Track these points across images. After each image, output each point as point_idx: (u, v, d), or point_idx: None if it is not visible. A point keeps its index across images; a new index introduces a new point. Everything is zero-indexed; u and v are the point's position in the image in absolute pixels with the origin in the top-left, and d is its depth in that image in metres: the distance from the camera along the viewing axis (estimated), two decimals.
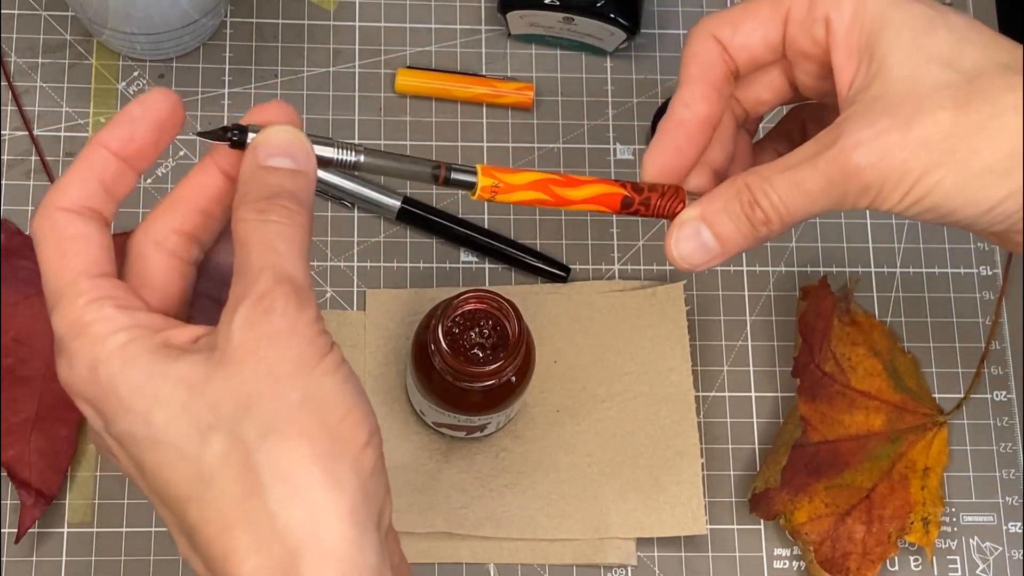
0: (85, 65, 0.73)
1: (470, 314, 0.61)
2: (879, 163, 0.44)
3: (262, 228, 0.41)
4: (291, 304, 0.40)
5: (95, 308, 0.41)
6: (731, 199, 0.47)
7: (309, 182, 0.43)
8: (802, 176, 0.45)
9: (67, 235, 0.42)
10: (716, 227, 0.47)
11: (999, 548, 0.70)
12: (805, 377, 0.70)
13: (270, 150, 0.43)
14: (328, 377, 0.40)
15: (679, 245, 0.48)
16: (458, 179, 0.47)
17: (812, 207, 0.46)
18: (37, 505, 0.65)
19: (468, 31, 0.76)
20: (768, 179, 0.46)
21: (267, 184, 0.42)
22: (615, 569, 0.68)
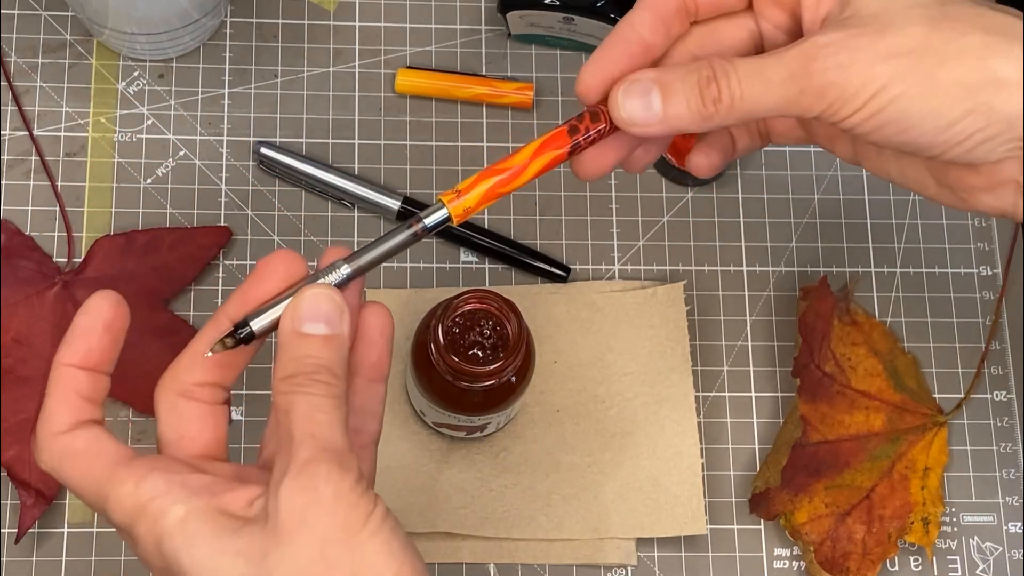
0: (85, 65, 0.73)
1: (470, 314, 0.61)
2: (845, 64, 0.44)
3: (302, 401, 0.43)
4: (333, 471, 0.42)
5: (148, 486, 0.43)
6: (690, 71, 0.46)
7: (343, 344, 0.45)
8: (766, 64, 0.45)
9: (77, 451, 0.44)
10: (667, 92, 0.47)
11: (999, 548, 0.70)
12: (805, 377, 0.70)
13: (304, 315, 0.45)
14: (374, 539, 0.42)
15: (627, 96, 0.47)
16: (435, 223, 0.48)
17: (768, 98, 0.46)
18: (37, 505, 0.65)
19: (468, 31, 0.76)
20: (732, 62, 0.46)
21: (304, 356, 0.44)
22: (615, 569, 0.68)
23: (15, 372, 0.67)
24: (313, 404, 0.43)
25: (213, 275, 0.71)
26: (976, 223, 0.75)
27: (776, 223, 0.74)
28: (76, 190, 0.71)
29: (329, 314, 0.45)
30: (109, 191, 0.72)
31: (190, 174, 0.72)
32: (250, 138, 0.73)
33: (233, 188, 0.72)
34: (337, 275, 0.47)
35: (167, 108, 0.73)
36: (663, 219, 0.74)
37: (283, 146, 0.73)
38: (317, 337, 0.44)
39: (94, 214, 0.71)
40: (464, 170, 0.74)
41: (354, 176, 0.72)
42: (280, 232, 0.72)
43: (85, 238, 0.70)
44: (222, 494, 0.43)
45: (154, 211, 0.71)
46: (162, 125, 0.73)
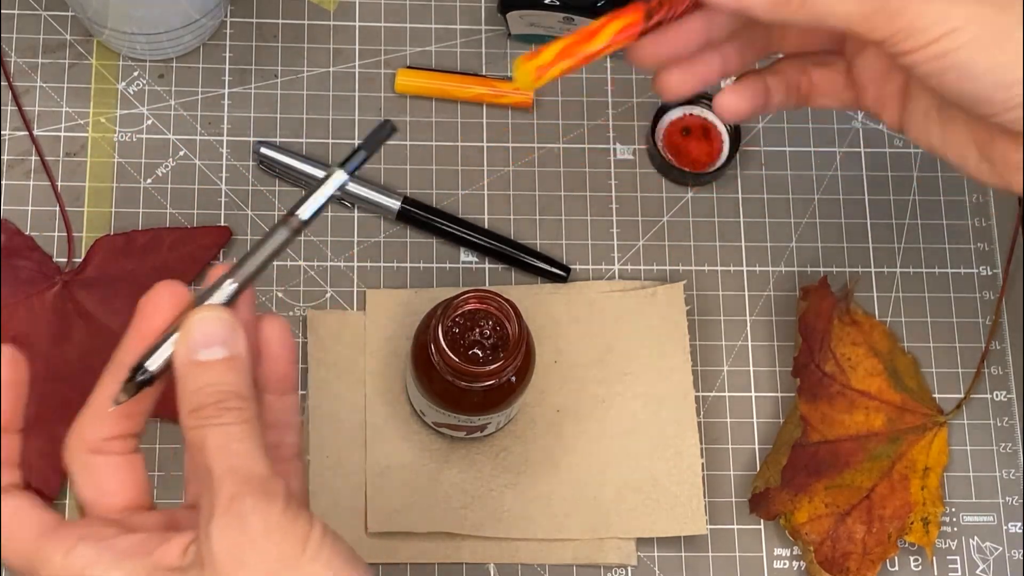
0: (85, 65, 0.73)
1: (470, 314, 0.61)
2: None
3: (214, 433, 0.42)
4: (259, 502, 0.40)
5: (76, 556, 0.41)
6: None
7: (244, 364, 0.43)
8: None
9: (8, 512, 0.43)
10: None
11: (999, 548, 0.70)
12: (805, 377, 0.70)
13: (196, 342, 0.43)
14: (315, 563, 0.40)
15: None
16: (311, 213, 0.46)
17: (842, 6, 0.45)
18: None
19: (468, 31, 0.76)
20: None
21: (206, 385, 0.42)
22: (615, 569, 0.68)
23: None
24: (226, 434, 0.42)
25: None
26: (976, 223, 0.75)
27: (776, 223, 0.74)
28: (76, 190, 0.71)
29: (222, 335, 0.43)
30: (109, 191, 0.72)
31: (190, 174, 0.72)
32: (250, 138, 0.73)
33: (233, 188, 0.72)
34: (223, 293, 0.44)
35: (167, 108, 0.73)
36: (663, 219, 0.74)
37: (283, 146, 0.73)
38: (216, 362, 0.43)
39: (94, 214, 0.71)
40: (464, 170, 0.74)
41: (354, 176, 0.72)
42: None
43: (85, 238, 0.70)
44: (154, 550, 0.42)
45: (154, 211, 0.71)
46: (162, 125, 0.73)
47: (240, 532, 0.40)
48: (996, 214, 0.75)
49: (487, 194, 0.73)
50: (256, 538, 0.40)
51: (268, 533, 0.40)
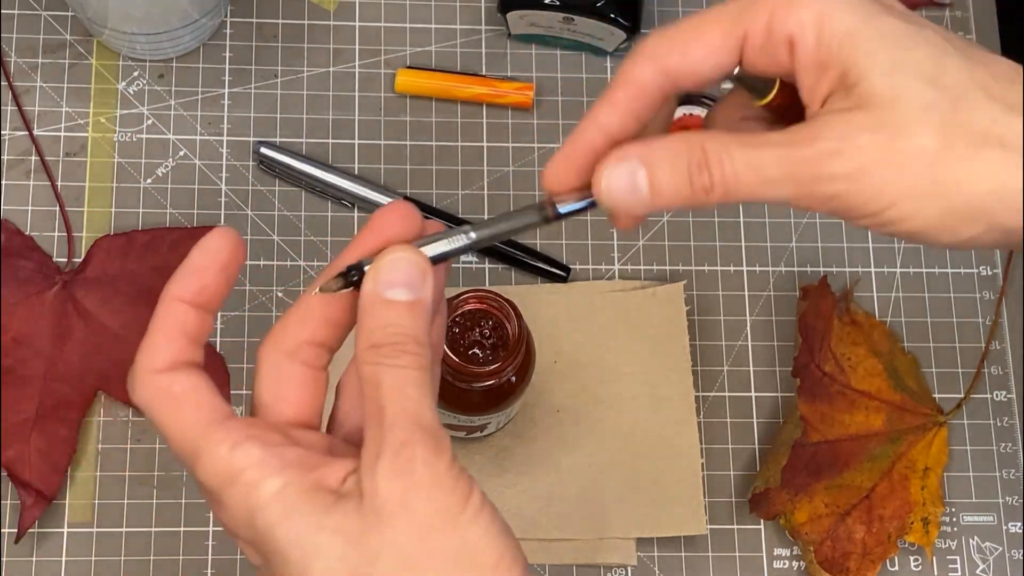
0: (85, 65, 0.73)
1: (470, 314, 0.60)
2: (856, 177, 0.42)
3: (391, 373, 0.42)
4: (430, 452, 0.41)
5: (242, 454, 0.41)
6: (680, 153, 0.43)
7: (427, 310, 0.43)
8: (766, 161, 0.43)
9: (174, 396, 0.43)
10: (655, 174, 0.44)
11: (999, 548, 0.70)
12: (805, 377, 0.70)
13: (389, 280, 0.43)
14: (475, 525, 0.41)
15: (611, 177, 0.44)
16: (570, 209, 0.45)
17: (762, 194, 0.43)
18: (37, 505, 0.65)
19: (468, 31, 0.76)
20: (727, 147, 0.43)
21: (390, 323, 0.43)
22: (615, 569, 0.68)
23: (15, 372, 0.67)
24: (403, 377, 0.42)
25: None
26: None
27: (776, 223, 0.74)
28: (76, 190, 0.71)
29: (413, 279, 0.43)
30: (109, 191, 0.72)
31: (190, 174, 0.72)
32: (250, 138, 0.73)
33: (233, 188, 0.72)
34: (455, 241, 0.45)
35: (167, 108, 0.73)
36: (663, 219, 0.74)
37: (283, 146, 0.73)
38: (401, 304, 0.43)
39: (94, 214, 0.71)
40: (464, 170, 0.74)
41: (354, 176, 0.72)
42: (280, 232, 0.72)
43: (85, 238, 0.70)
44: (316, 468, 0.42)
45: (154, 211, 0.71)
46: (162, 125, 0.73)
47: (407, 479, 0.40)
48: None
49: (487, 194, 0.73)
50: (422, 488, 0.40)
51: (434, 486, 0.41)
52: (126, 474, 0.67)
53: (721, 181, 0.43)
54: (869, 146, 0.42)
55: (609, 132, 0.45)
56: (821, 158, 0.42)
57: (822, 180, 0.42)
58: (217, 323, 0.70)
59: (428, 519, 0.40)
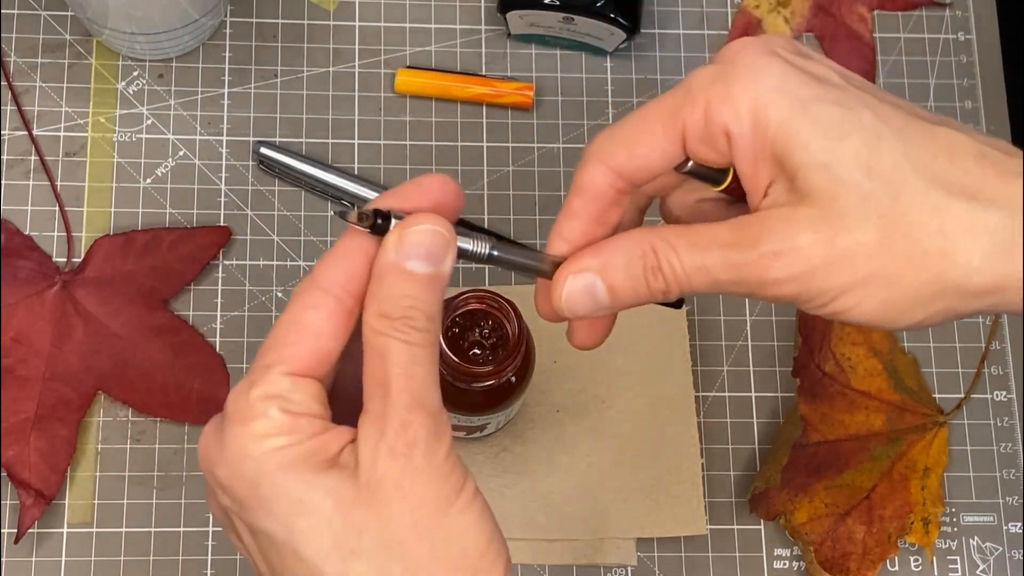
0: (85, 65, 0.73)
1: (470, 314, 0.60)
2: (800, 279, 0.42)
3: (400, 348, 0.42)
4: (431, 438, 0.41)
5: (264, 405, 0.41)
6: (634, 259, 0.45)
7: (444, 286, 0.43)
8: (713, 264, 0.44)
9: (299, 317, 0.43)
10: (612, 283, 0.45)
11: (999, 548, 0.70)
12: (805, 377, 0.70)
13: (411, 251, 0.42)
14: (464, 515, 0.42)
15: (570, 289, 0.45)
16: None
17: (714, 289, 0.45)
18: (37, 505, 0.65)
19: (468, 31, 0.76)
20: (676, 250, 0.44)
21: (404, 295, 0.42)
22: (615, 569, 0.68)
23: (15, 372, 0.67)
24: (411, 354, 0.41)
25: (213, 275, 0.71)
26: None
27: None
28: (76, 190, 0.71)
29: (436, 252, 0.43)
30: (109, 191, 0.72)
31: (190, 174, 0.72)
32: (250, 138, 0.73)
33: (233, 188, 0.72)
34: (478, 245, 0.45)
35: (167, 108, 0.73)
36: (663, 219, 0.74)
37: (283, 146, 0.73)
38: (420, 276, 0.42)
39: (94, 214, 0.71)
40: (464, 170, 0.74)
41: (354, 176, 0.72)
42: (280, 232, 0.72)
43: (85, 238, 0.70)
44: (319, 434, 0.42)
45: (154, 211, 0.71)
46: (162, 125, 0.73)
47: (406, 462, 0.41)
48: None
49: (487, 194, 0.73)
50: (419, 473, 0.41)
51: (430, 473, 0.41)
52: (126, 474, 0.67)
53: (675, 283, 0.44)
54: (810, 247, 0.42)
55: (576, 243, 0.46)
56: (765, 261, 0.43)
57: (767, 284, 0.43)
58: (217, 323, 0.70)
59: (421, 504, 0.41)
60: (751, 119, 0.43)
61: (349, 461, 0.41)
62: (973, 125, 0.77)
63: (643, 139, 0.45)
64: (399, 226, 0.42)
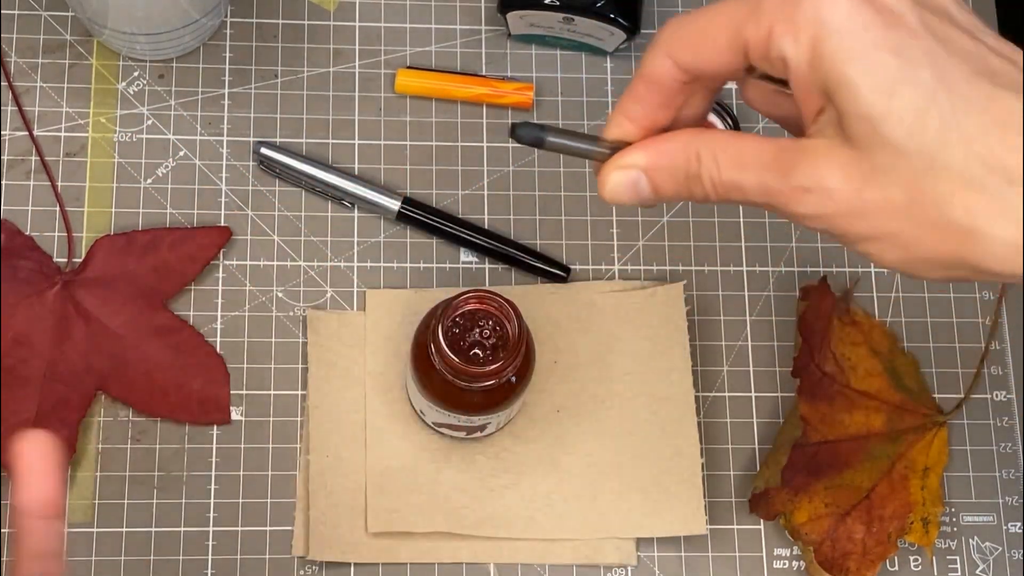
0: (85, 65, 0.73)
1: (470, 314, 0.61)
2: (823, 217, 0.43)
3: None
4: None
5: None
6: (678, 164, 0.46)
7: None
8: (748, 183, 0.45)
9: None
10: (656, 182, 0.47)
11: (999, 548, 0.70)
12: (805, 377, 0.70)
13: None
14: None
15: (615, 189, 0.47)
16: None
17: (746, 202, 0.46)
18: None
19: (468, 31, 0.76)
20: (718, 164, 0.45)
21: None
22: (615, 569, 0.68)
23: (15, 372, 0.67)
24: None
25: (213, 275, 0.71)
26: None
27: (776, 223, 0.74)
28: (76, 190, 0.71)
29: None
30: (109, 191, 0.72)
31: (190, 174, 0.72)
32: (250, 138, 0.73)
33: (233, 188, 0.72)
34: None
35: (167, 108, 0.73)
36: (663, 219, 0.74)
37: (283, 146, 0.73)
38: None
39: (94, 214, 0.71)
40: (464, 170, 0.74)
41: (354, 176, 0.72)
42: (280, 232, 0.72)
43: (85, 238, 0.70)
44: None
45: (154, 211, 0.71)
46: (162, 125, 0.73)
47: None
48: None
49: (487, 194, 0.73)
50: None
51: None
52: (126, 474, 0.67)
53: (713, 193, 0.46)
54: (838, 191, 0.43)
55: (640, 123, 0.48)
56: (795, 195, 0.44)
57: (795, 214, 0.44)
58: (217, 323, 0.70)
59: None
60: (809, 53, 0.43)
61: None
62: None
63: (708, 46, 0.45)
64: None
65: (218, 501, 0.67)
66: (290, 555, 0.67)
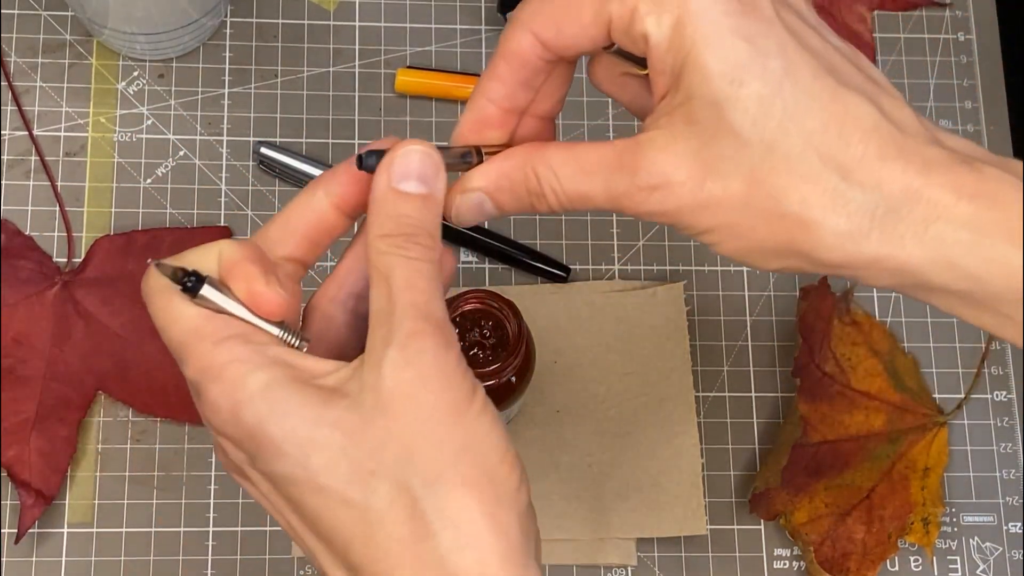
0: (85, 65, 0.73)
1: (470, 314, 0.60)
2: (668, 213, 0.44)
3: (403, 264, 0.42)
4: (439, 345, 0.41)
5: (225, 349, 0.42)
6: (518, 182, 0.46)
7: (439, 205, 0.44)
8: (593, 191, 0.45)
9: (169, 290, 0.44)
10: (499, 201, 0.47)
11: (999, 548, 0.70)
12: (805, 377, 0.70)
13: (402, 172, 0.44)
14: (480, 421, 0.41)
15: (460, 211, 0.47)
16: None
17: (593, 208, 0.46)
18: (37, 505, 0.65)
19: (468, 31, 0.76)
20: (559, 177, 0.45)
21: (402, 215, 0.43)
22: (615, 569, 0.68)
23: (15, 372, 0.67)
24: (414, 269, 0.42)
25: None
26: None
27: None
28: (76, 190, 0.71)
29: (426, 172, 0.44)
30: (109, 191, 0.72)
31: (190, 174, 0.72)
32: (250, 138, 0.73)
33: (233, 188, 0.72)
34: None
35: (167, 108, 0.73)
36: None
37: (283, 146, 0.73)
38: (415, 196, 0.43)
39: (94, 214, 0.71)
40: None
41: None
42: None
43: (85, 238, 0.70)
44: (299, 367, 0.42)
45: (154, 211, 0.71)
46: (162, 125, 0.73)
47: (415, 370, 0.40)
48: None
49: None
50: (430, 379, 0.40)
51: (441, 378, 0.40)
52: (126, 474, 0.67)
53: (557, 205, 0.46)
54: (681, 186, 0.43)
55: (500, 104, 0.48)
56: (641, 194, 0.44)
57: (643, 213, 0.44)
58: None
59: (435, 411, 0.40)
60: (670, 33, 0.43)
61: (347, 388, 0.41)
62: (972, 125, 0.77)
63: (572, 20, 0.45)
64: (387, 155, 0.44)
65: (218, 501, 0.67)
66: (290, 555, 0.67)
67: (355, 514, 0.40)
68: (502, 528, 0.40)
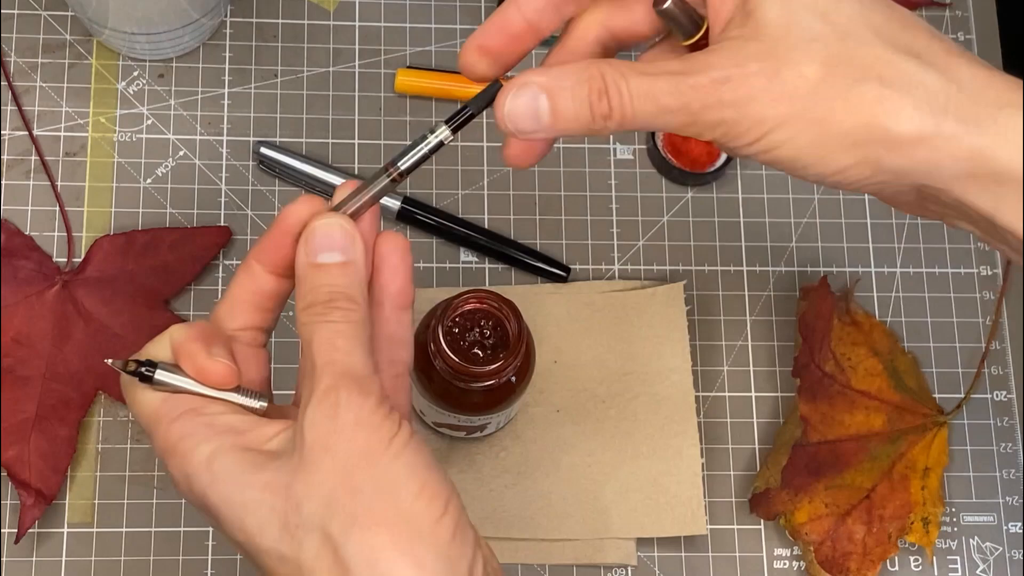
0: (85, 65, 0.73)
1: (470, 314, 0.60)
2: (742, 104, 0.43)
3: (322, 328, 0.44)
4: (353, 395, 0.42)
5: (177, 427, 0.44)
6: (581, 81, 0.45)
7: (358, 270, 0.46)
8: (660, 89, 0.44)
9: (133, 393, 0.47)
10: (556, 101, 0.45)
11: (999, 548, 0.70)
12: (805, 377, 0.70)
13: (318, 246, 0.46)
14: (397, 460, 0.42)
15: (514, 103, 0.45)
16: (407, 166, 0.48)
17: (657, 121, 0.45)
18: (37, 505, 0.65)
19: (468, 31, 0.76)
20: (625, 76, 0.44)
21: (320, 285, 0.45)
22: (615, 569, 0.68)
23: (15, 372, 0.67)
24: (333, 331, 0.44)
25: (213, 275, 0.71)
26: None
27: (776, 223, 0.74)
28: (76, 190, 0.71)
29: (340, 242, 0.46)
30: (109, 191, 0.72)
31: (190, 174, 0.72)
32: (250, 138, 0.73)
33: (233, 188, 0.72)
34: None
35: (167, 108, 0.73)
36: (663, 219, 0.74)
37: (283, 146, 0.73)
38: (332, 265, 0.45)
39: (94, 214, 0.71)
40: (464, 170, 0.74)
41: (354, 176, 0.72)
42: None
43: (85, 238, 0.70)
44: (247, 432, 0.44)
45: (154, 211, 0.71)
46: (162, 125, 0.73)
47: (331, 421, 0.42)
48: None
49: (487, 194, 0.73)
50: (344, 428, 0.42)
51: (357, 426, 0.42)
52: (126, 474, 0.67)
53: (619, 108, 0.45)
54: (756, 75, 0.43)
55: (529, 19, 0.47)
56: (713, 85, 0.44)
57: (712, 107, 0.44)
58: None
59: (349, 458, 0.42)
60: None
61: (287, 447, 0.43)
62: None
63: None
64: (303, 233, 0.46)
65: None
66: None
67: (292, 568, 0.42)
68: (419, 562, 0.41)
